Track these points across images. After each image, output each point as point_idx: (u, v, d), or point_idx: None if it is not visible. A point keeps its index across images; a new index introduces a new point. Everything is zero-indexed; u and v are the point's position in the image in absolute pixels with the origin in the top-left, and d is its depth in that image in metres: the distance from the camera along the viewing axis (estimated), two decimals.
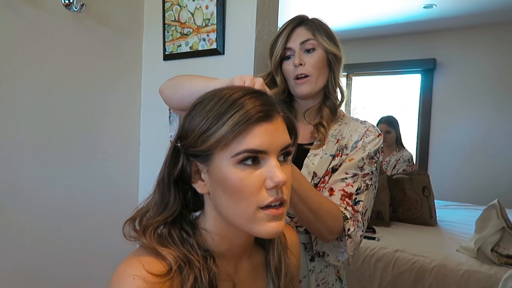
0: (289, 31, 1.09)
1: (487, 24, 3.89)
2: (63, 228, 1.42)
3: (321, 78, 1.09)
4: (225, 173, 0.60)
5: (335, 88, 1.12)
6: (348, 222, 0.96)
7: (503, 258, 2.01)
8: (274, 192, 0.61)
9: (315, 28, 1.09)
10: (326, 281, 1.10)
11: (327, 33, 1.10)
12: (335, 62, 1.10)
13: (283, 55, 1.10)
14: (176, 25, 1.52)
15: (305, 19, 1.12)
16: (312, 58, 1.07)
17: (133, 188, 1.68)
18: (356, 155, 1.04)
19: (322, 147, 1.07)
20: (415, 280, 2.07)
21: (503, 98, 3.88)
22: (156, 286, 0.57)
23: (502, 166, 3.84)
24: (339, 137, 1.09)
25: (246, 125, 0.59)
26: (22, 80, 1.27)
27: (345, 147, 1.07)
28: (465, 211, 3.20)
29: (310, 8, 3.48)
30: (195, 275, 0.60)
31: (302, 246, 1.08)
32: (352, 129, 1.10)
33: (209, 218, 0.68)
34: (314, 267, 1.09)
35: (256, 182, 0.60)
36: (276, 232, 0.62)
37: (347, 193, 1.00)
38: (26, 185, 1.31)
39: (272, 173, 0.59)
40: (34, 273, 1.35)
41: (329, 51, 1.08)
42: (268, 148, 0.60)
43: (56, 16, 1.34)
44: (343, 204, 0.99)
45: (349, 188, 1.01)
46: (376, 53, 4.38)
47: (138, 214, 0.68)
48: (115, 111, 1.58)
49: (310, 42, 1.07)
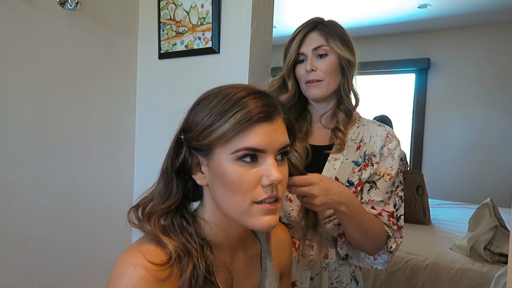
0: (302, 36, 1.09)
1: (481, 24, 3.92)
2: (57, 227, 1.42)
3: (333, 83, 1.09)
4: (224, 168, 0.63)
5: (348, 93, 1.12)
6: (390, 240, 1.04)
7: (495, 256, 2.04)
8: (269, 190, 0.63)
9: (328, 33, 1.08)
10: (340, 280, 1.09)
11: (341, 37, 1.09)
12: (348, 67, 1.09)
13: (296, 59, 1.10)
14: (172, 23, 1.51)
15: (319, 23, 1.11)
16: (324, 63, 1.07)
17: (128, 186, 1.67)
18: (389, 167, 1.06)
19: (342, 151, 1.08)
20: (409, 278, 2.09)
21: (496, 97, 3.91)
22: (156, 273, 0.60)
23: (495, 165, 3.87)
24: (360, 143, 1.09)
25: (247, 124, 0.61)
26: (16, 77, 1.27)
27: (372, 156, 1.07)
28: (459, 210, 3.23)
29: (304, 7, 3.49)
30: (193, 263, 0.63)
31: (315, 243, 1.09)
32: (373, 133, 1.10)
33: (207, 208, 0.71)
34: (327, 264, 1.09)
35: (253, 178, 0.63)
36: (269, 226, 0.65)
37: (390, 213, 1.06)
38: (19, 183, 1.30)
39: (269, 172, 0.62)
40: (27, 273, 1.34)
41: (342, 56, 1.07)
42: (267, 147, 0.63)
43: (50, 14, 1.33)
44: (389, 224, 1.05)
45: (387, 207, 1.06)
46: (370, 53, 4.39)
47: (142, 202, 0.71)
48: (110, 110, 1.58)
49: (322, 48, 1.07)
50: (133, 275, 0.59)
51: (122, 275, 0.60)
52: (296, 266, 1.07)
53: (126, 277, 0.59)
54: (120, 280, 0.59)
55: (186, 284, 0.61)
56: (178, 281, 0.62)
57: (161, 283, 0.60)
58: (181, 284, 0.62)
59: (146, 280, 0.59)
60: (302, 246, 1.09)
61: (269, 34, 1.42)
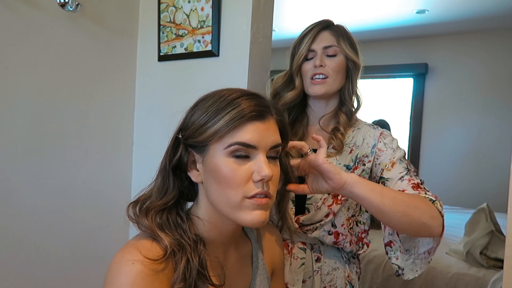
0: (315, 33, 1.11)
1: (479, 30, 3.94)
2: (55, 228, 1.42)
3: (338, 82, 1.10)
4: (217, 163, 0.67)
5: (351, 95, 1.14)
6: (436, 203, 0.92)
7: (491, 261, 2.04)
8: (260, 185, 0.67)
9: (340, 34, 1.11)
10: (334, 284, 1.09)
11: (350, 41, 1.12)
12: (354, 70, 1.12)
13: (306, 56, 1.11)
14: (171, 26, 1.52)
15: (331, 24, 1.14)
16: (333, 61, 1.09)
17: (126, 188, 1.67)
18: (391, 158, 1.02)
19: (336, 156, 1.08)
20: (405, 283, 2.09)
21: (493, 103, 3.93)
22: (153, 266, 0.62)
23: (492, 170, 3.89)
24: (353, 146, 1.10)
25: (240, 122, 0.65)
26: (15, 79, 1.27)
27: (365, 157, 1.07)
28: (455, 214, 3.24)
29: (304, 11, 3.50)
30: (187, 258, 0.66)
31: (308, 246, 1.09)
32: (366, 135, 1.10)
33: (201, 206, 0.74)
34: (319, 268, 1.08)
35: (245, 174, 0.66)
36: (259, 221, 0.67)
37: (416, 184, 0.97)
38: (17, 184, 1.30)
39: (260, 168, 0.66)
40: (25, 274, 1.34)
41: (350, 58, 1.10)
42: (258, 144, 0.67)
43: (51, 15, 1.34)
44: (421, 192, 0.95)
45: (412, 181, 0.98)
46: (368, 57, 4.35)
47: (141, 198, 0.74)
48: (109, 111, 1.58)
49: (333, 49, 1.09)
50: (131, 270, 0.60)
51: (120, 271, 0.61)
52: (288, 269, 1.08)
53: (124, 272, 0.60)
54: (118, 276, 0.60)
55: (180, 277, 0.64)
56: (172, 274, 0.65)
57: (158, 275, 0.62)
58: (176, 277, 0.64)
59: (144, 274, 0.60)
60: (294, 248, 1.10)
61: (269, 37, 1.43)
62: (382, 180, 1.03)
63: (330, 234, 1.07)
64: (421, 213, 0.87)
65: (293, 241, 1.09)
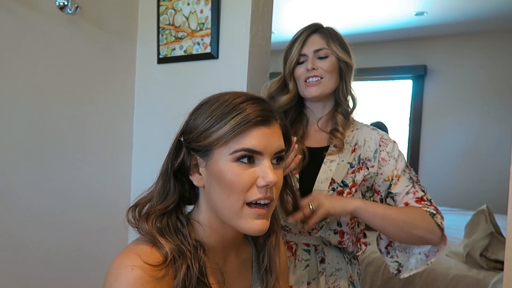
0: (305, 37, 1.11)
1: (477, 32, 3.95)
2: (54, 230, 1.41)
3: (332, 82, 1.11)
4: (222, 168, 0.66)
5: (346, 96, 1.15)
6: (436, 217, 1.04)
7: (491, 263, 2.04)
8: (263, 191, 0.66)
9: (329, 36, 1.11)
10: (338, 285, 1.10)
11: (340, 42, 1.12)
12: (346, 70, 1.13)
13: (297, 60, 1.12)
14: (171, 28, 1.52)
15: (320, 27, 1.14)
16: (325, 63, 1.10)
17: (125, 190, 1.67)
18: (393, 169, 1.09)
19: (338, 153, 1.10)
20: (405, 285, 2.09)
21: (492, 104, 3.94)
22: (153, 273, 0.61)
23: (491, 171, 3.89)
24: (355, 146, 1.11)
25: (245, 127, 0.65)
26: (14, 81, 1.27)
27: (367, 160, 1.10)
28: (454, 216, 3.23)
29: (303, 13, 3.51)
30: (187, 264, 0.65)
31: (312, 247, 1.10)
32: (367, 137, 1.12)
33: (202, 211, 0.73)
34: (324, 269, 1.09)
35: (249, 179, 0.66)
36: (259, 230, 0.67)
37: (420, 198, 1.07)
38: (17, 187, 1.30)
39: (265, 173, 0.65)
40: (24, 276, 1.33)
41: (341, 59, 1.11)
42: (264, 149, 0.66)
43: (50, 18, 1.34)
44: (423, 206, 1.06)
45: (416, 194, 1.08)
46: (367, 59, 4.41)
47: (141, 202, 0.73)
48: (108, 114, 1.58)
49: (323, 51, 1.10)
50: (131, 276, 0.59)
51: (119, 276, 0.60)
52: (293, 270, 1.08)
53: (124, 278, 0.60)
54: (117, 281, 0.60)
55: (180, 284, 0.63)
56: (172, 281, 0.64)
57: (158, 281, 0.61)
58: (175, 285, 0.63)
59: (144, 280, 0.60)
60: (298, 250, 1.10)
61: (268, 39, 1.43)
62: (390, 195, 1.09)
63: (336, 233, 1.08)
64: (420, 230, 1.01)
65: (296, 241, 1.11)
